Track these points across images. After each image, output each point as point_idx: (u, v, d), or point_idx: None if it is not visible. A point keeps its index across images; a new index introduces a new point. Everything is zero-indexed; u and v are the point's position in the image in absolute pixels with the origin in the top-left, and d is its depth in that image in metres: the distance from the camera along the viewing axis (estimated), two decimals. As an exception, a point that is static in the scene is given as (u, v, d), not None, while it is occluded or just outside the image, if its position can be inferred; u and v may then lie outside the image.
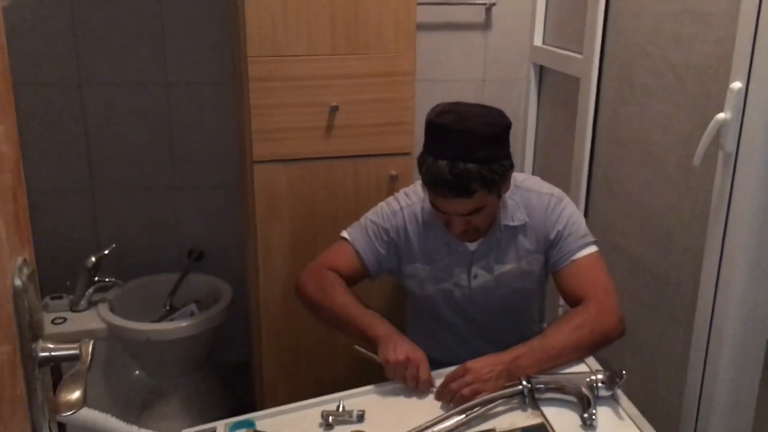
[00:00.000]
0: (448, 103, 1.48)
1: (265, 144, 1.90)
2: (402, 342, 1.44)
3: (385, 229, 1.62)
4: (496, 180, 1.42)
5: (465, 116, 1.42)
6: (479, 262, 1.58)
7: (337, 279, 1.59)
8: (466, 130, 1.39)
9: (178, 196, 2.47)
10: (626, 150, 1.92)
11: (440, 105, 1.48)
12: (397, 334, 1.47)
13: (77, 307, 2.24)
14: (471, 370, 1.35)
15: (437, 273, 1.60)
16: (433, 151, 1.42)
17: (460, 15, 2.42)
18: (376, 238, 1.62)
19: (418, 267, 1.62)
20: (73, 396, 0.74)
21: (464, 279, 1.59)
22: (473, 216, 1.47)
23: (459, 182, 1.39)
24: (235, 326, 2.46)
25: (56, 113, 2.30)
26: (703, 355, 1.60)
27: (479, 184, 1.40)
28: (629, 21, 1.87)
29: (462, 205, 1.44)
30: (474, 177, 1.38)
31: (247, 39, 1.82)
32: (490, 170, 1.40)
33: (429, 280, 1.62)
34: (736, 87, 1.44)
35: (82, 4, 2.22)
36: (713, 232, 1.55)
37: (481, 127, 1.40)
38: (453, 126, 1.40)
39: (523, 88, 2.53)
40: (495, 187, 1.43)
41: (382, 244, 1.62)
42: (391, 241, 1.61)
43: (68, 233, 2.41)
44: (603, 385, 1.33)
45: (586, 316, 1.45)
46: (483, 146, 1.39)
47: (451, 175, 1.38)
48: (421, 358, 1.41)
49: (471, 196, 1.41)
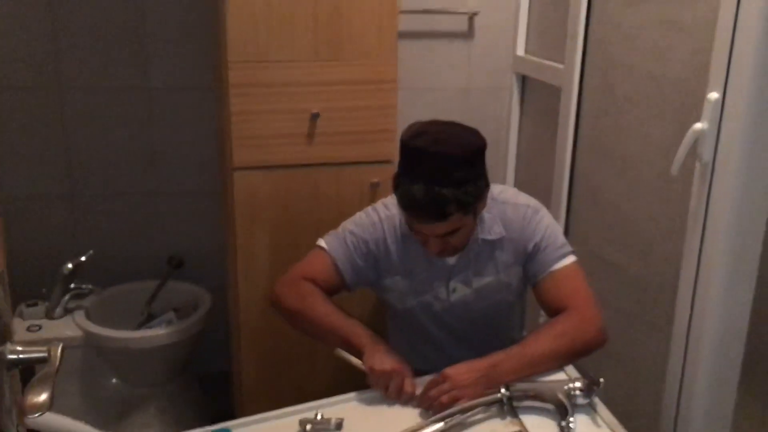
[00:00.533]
0: (423, 123, 1.46)
1: (245, 150, 1.89)
2: (388, 352, 1.43)
3: (365, 240, 1.59)
4: (471, 202, 1.41)
5: (439, 138, 1.40)
6: (458, 276, 1.57)
7: (315, 288, 1.56)
8: (441, 153, 1.37)
9: (158, 203, 2.46)
10: (607, 159, 1.93)
11: (415, 125, 1.46)
12: (383, 343, 1.46)
13: (53, 315, 2.21)
14: (449, 377, 1.35)
15: (417, 286, 1.60)
16: (408, 174, 1.40)
17: (444, 24, 2.43)
18: (355, 250, 1.59)
19: (397, 280, 1.60)
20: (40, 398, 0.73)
21: (443, 292, 1.59)
22: (450, 236, 1.46)
23: (435, 207, 1.38)
24: (215, 334, 2.44)
25: (35, 118, 2.28)
26: (681, 362, 1.61)
27: (455, 207, 1.38)
28: (609, 32, 1.89)
29: (438, 228, 1.42)
30: (449, 201, 1.37)
31: (229, 44, 1.81)
32: (465, 193, 1.38)
33: (409, 293, 1.61)
34: (713, 98, 1.46)
35: (63, 7, 2.21)
36: (691, 240, 1.56)
37: (456, 149, 1.39)
38: (427, 149, 1.38)
39: (506, 97, 2.54)
40: (470, 209, 1.42)
41: (360, 255, 1.59)
42: (370, 253, 1.59)
43: (46, 239, 2.38)
44: (581, 393, 1.34)
45: (566, 324, 1.45)
46: (458, 169, 1.38)
47: (427, 200, 1.37)
48: (407, 370, 1.41)
49: (446, 219, 1.40)
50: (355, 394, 1.43)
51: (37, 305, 2.22)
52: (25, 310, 2.21)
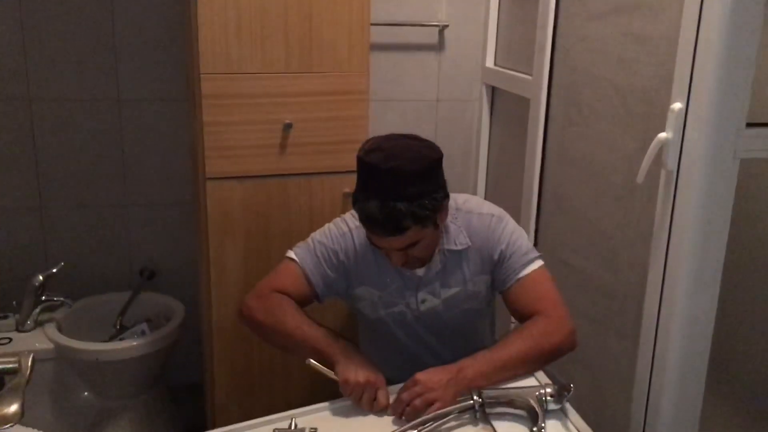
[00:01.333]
0: (378, 138, 1.46)
1: (218, 161, 1.89)
2: (361, 363, 1.43)
3: (334, 251, 1.59)
4: (427, 215, 1.41)
5: (392, 154, 1.40)
6: (426, 287, 1.59)
7: (285, 299, 1.55)
8: (394, 169, 1.37)
9: (129, 214, 2.44)
10: (574, 168, 1.96)
11: (371, 140, 1.46)
12: (357, 354, 1.46)
13: (23, 327, 2.19)
14: (420, 381, 1.37)
15: (388, 296, 1.60)
16: (364, 190, 1.41)
17: (414, 36, 2.46)
18: (325, 261, 1.59)
19: (368, 290, 1.61)
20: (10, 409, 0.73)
21: (413, 302, 1.60)
22: (411, 249, 1.47)
23: (390, 222, 1.38)
24: (188, 345, 2.43)
25: (4, 130, 2.26)
26: (648, 368, 1.64)
27: (411, 221, 1.38)
28: (576, 44, 1.92)
29: (396, 242, 1.43)
30: (404, 215, 1.37)
31: (201, 56, 1.81)
32: (420, 206, 1.38)
33: (380, 303, 1.61)
34: (676, 107, 1.49)
35: (32, 18, 2.20)
36: (656, 247, 1.59)
37: (409, 164, 1.38)
38: (380, 165, 1.38)
39: (476, 108, 2.58)
40: (428, 221, 1.42)
41: (330, 266, 1.59)
42: (341, 263, 1.60)
43: (16, 251, 2.35)
44: (552, 399, 1.35)
45: (534, 329, 1.47)
46: (412, 184, 1.38)
47: (382, 215, 1.37)
48: (381, 381, 1.41)
49: (403, 233, 1.40)
50: (329, 403, 1.43)
51: (7, 318, 2.20)
52: (-6, 323, 2.18)
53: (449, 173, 2.54)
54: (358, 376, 1.39)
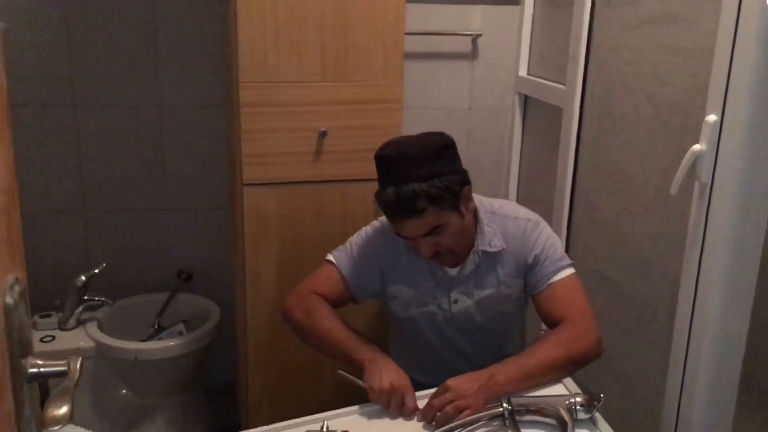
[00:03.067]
0: (393, 138, 1.58)
1: (254, 167, 1.94)
2: (387, 369, 1.44)
3: (370, 251, 1.64)
4: (443, 195, 1.46)
5: (402, 144, 1.52)
6: (459, 287, 1.61)
7: (322, 302, 1.60)
8: (404, 155, 1.47)
9: (168, 217, 2.50)
10: (606, 179, 1.96)
11: (387, 140, 1.57)
12: (383, 359, 1.48)
13: (66, 326, 2.25)
14: (451, 388, 1.38)
15: (420, 296, 1.63)
16: (381, 182, 1.50)
17: (448, 45, 2.47)
18: (362, 261, 1.64)
19: (402, 289, 1.64)
20: (60, 411, 0.76)
21: (445, 303, 1.62)
22: (437, 236, 1.50)
23: (405, 203, 1.45)
24: (223, 347, 2.48)
25: (50, 135, 2.33)
26: (680, 379, 1.63)
27: (426, 201, 1.45)
28: (610, 54, 1.92)
29: (417, 226, 1.48)
30: (418, 195, 1.44)
31: (240, 65, 1.86)
32: (432, 186, 1.45)
33: (413, 303, 1.64)
34: (711, 120, 1.49)
35: (79, 28, 2.27)
36: (689, 259, 1.59)
37: (417, 149, 1.48)
38: (391, 154, 1.49)
39: (508, 117, 2.58)
40: (445, 203, 1.47)
41: (367, 266, 1.64)
42: (376, 263, 1.64)
43: (59, 252, 2.42)
44: (581, 408, 1.35)
45: (562, 336, 1.48)
46: (422, 166, 1.46)
47: (397, 198, 1.45)
48: (407, 386, 1.42)
49: (422, 215, 1.46)
50: (359, 406, 1.45)
51: (50, 316, 2.26)
52: (39, 321, 2.25)
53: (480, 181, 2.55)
54: (383, 382, 1.41)
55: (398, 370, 1.45)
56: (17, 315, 0.73)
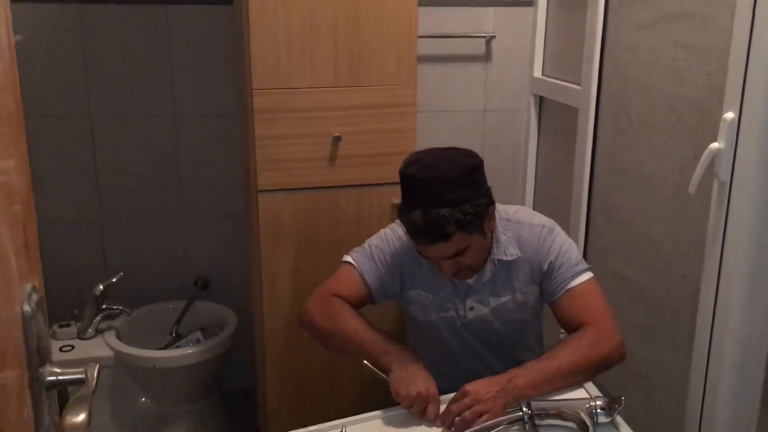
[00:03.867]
0: (418, 152, 1.53)
1: (269, 174, 1.94)
2: (415, 374, 1.43)
3: (390, 253, 1.63)
4: (471, 221, 1.43)
5: (430, 164, 1.45)
6: (474, 295, 1.60)
7: (344, 304, 1.59)
8: (432, 178, 1.42)
9: (184, 225, 2.51)
10: (624, 179, 1.95)
11: (411, 155, 1.53)
12: (413, 363, 1.46)
13: (85, 335, 2.27)
14: (470, 392, 1.37)
15: (439, 301, 1.62)
16: (407, 201, 1.46)
17: (461, 48, 2.47)
18: (381, 263, 1.63)
19: (421, 294, 1.63)
20: (78, 418, 0.76)
21: (461, 309, 1.62)
22: (460, 257, 1.49)
23: (434, 228, 1.42)
24: (240, 353, 2.48)
25: (67, 145, 2.36)
26: (702, 381, 1.61)
27: (455, 227, 1.42)
28: (625, 53, 1.91)
29: (443, 250, 1.46)
30: (448, 221, 1.41)
31: (253, 72, 1.87)
32: (463, 212, 1.42)
33: (432, 307, 1.63)
34: (729, 117, 1.47)
35: (94, 39, 2.29)
36: (710, 259, 1.57)
37: (447, 172, 1.43)
38: (419, 176, 1.44)
39: (524, 118, 2.57)
40: (473, 227, 1.45)
41: (386, 268, 1.63)
42: (396, 266, 1.63)
43: (77, 262, 2.44)
44: (602, 412, 1.34)
45: (583, 339, 1.46)
46: (451, 190, 1.42)
47: (425, 223, 1.41)
48: (432, 395, 1.41)
49: (449, 240, 1.43)
50: (380, 412, 1.45)
51: (69, 326, 2.28)
52: (58, 330, 2.27)
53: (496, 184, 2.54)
54: (410, 390, 1.40)
55: (427, 378, 1.44)
56: (35, 323, 0.73)
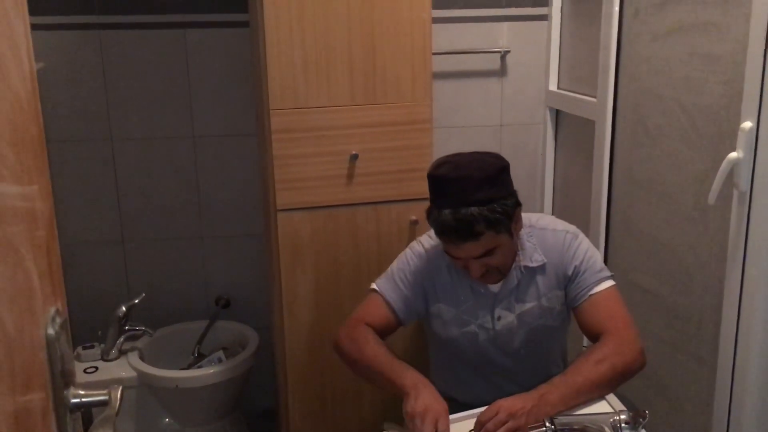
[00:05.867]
0: (446, 156, 1.56)
1: (288, 193, 1.96)
2: (425, 393, 1.42)
3: (411, 272, 1.65)
4: (500, 219, 1.46)
5: (460, 165, 1.49)
6: (501, 303, 1.60)
7: (368, 331, 1.61)
8: (462, 177, 1.45)
9: (205, 246, 2.53)
10: (643, 190, 1.94)
11: (439, 158, 1.55)
12: (424, 385, 1.45)
13: (108, 356, 2.29)
14: (503, 408, 1.36)
15: (462, 315, 1.63)
16: (437, 202, 1.49)
17: (476, 63, 2.48)
18: (404, 284, 1.65)
19: (442, 308, 1.64)
20: (102, 440, 0.77)
21: (488, 321, 1.62)
22: (488, 257, 1.50)
23: (464, 227, 1.44)
24: (263, 372, 2.49)
25: (88, 168, 2.39)
26: (728, 393, 1.59)
27: (484, 225, 1.44)
28: (640, 65, 1.91)
29: (473, 249, 1.47)
30: (477, 219, 1.43)
31: (270, 93, 1.89)
32: (491, 210, 1.44)
33: (453, 322, 1.64)
34: (747, 126, 1.46)
35: (113, 64, 2.33)
36: (732, 269, 1.55)
37: (476, 171, 1.46)
38: (449, 175, 1.47)
39: (540, 132, 2.57)
40: (501, 227, 1.47)
41: (409, 287, 1.64)
42: (417, 283, 1.64)
43: (99, 283, 2.47)
44: (626, 426, 1.32)
45: (606, 350, 1.46)
46: (480, 189, 1.44)
47: (455, 221, 1.43)
48: (441, 410, 1.40)
49: (478, 239, 1.45)
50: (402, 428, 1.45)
51: (93, 347, 2.30)
52: (82, 352, 2.29)
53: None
54: (417, 405, 1.39)
55: (436, 396, 1.43)
56: (59, 346, 0.74)
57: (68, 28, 2.28)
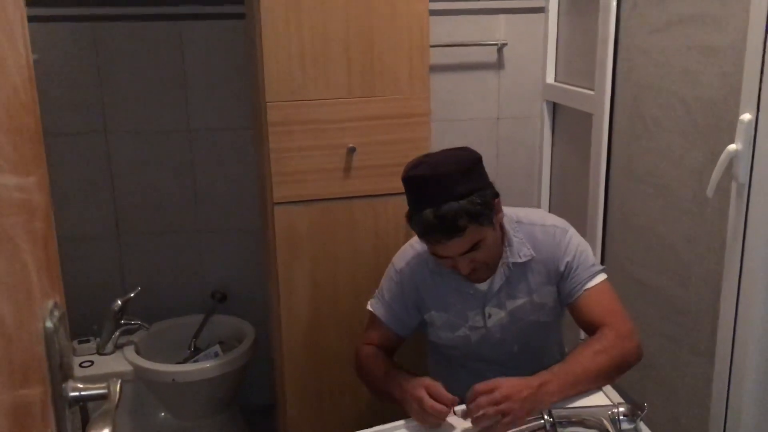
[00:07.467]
0: (417, 158, 1.55)
1: (284, 186, 1.94)
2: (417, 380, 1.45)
3: (398, 289, 1.67)
4: (481, 211, 1.45)
5: (434, 163, 1.49)
6: (491, 301, 1.60)
7: (370, 351, 1.66)
8: (440, 174, 1.45)
9: (201, 239, 2.52)
10: (641, 183, 1.93)
11: (412, 161, 1.54)
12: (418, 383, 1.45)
13: (104, 351, 2.28)
14: (501, 387, 1.35)
15: (452, 319, 1.63)
16: (416, 204, 1.48)
17: (473, 56, 2.47)
18: (394, 302, 1.67)
19: (434, 315, 1.65)
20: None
21: (479, 320, 1.61)
22: (475, 252, 1.49)
23: (447, 223, 1.43)
24: (259, 366, 2.48)
25: (83, 162, 2.38)
26: (726, 385, 1.59)
27: (467, 219, 1.43)
28: (638, 57, 1.90)
29: (458, 245, 1.47)
30: (459, 213, 1.42)
31: (266, 85, 1.87)
32: (471, 203, 1.43)
33: (445, 327, 1.65)
34: (746, 119, 1.46)
35: (108, 57, 2.31)
36: (730, 262, 1.55)
37: (452, 166, 1.46)
38: (427, 174, 1.46)
39: (537, 125, 2.57)
40: (483, 218, 1.46)
41: (399, 305, 1.67)
42: (406, 298, 1.66)
43: (95, 278, 2.46)
44: (625, 418, 1.33)
45: (604, 341, 1.46)
46: (458, 184, 1.44)
47: (438, 219, 1.43)
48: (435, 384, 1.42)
49: (463, 234, 1.44)
50: (403, 422, 1.45)
51: (89, 342, 2.29)
52: (78, 346, 2.28)
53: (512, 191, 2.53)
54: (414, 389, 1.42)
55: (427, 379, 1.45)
56: (57, 339, 0.74)
57: (62, 20, 2.26)
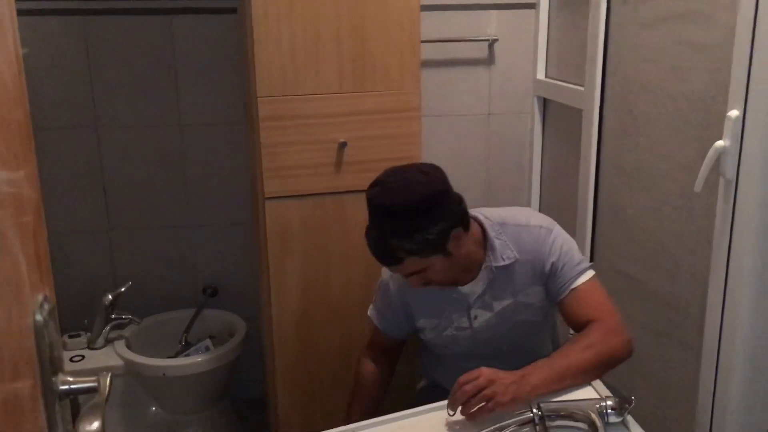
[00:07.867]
0: (384, 172, 1.53)
1: (275, 181, 1.95)
2: None
3: (389, 297, 1.70)
4: (421, 248, 1.46)
5: (387, 190, 1.46)
6: (476, 303, 1.61)
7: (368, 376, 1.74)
8: (386, 206, 1.45)
9: (192, 234, 2.52)
10: (630, 178, 1.95)
11: (378, 176, 1.52)
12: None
13: (95, 345, 2.28)
14: (484, 374, 1.36)
15: (439, 322, 1.65)
16: (369, 220, 1.50)
17: (464, 51, 2.47)
18: (387, 309, 1.71)
19: (424, 321, 1.68)
20: (91, 427, 0.77)
21: (465, 322, 1.63)
22: (422, 275, 1.51)
23: (385, 254, 1.47)
24: (251, 361, 2.49)
25: (74, 156, 2.37)
26: (712, 378, 1.61)
27: (404, 253, 1.45)
28: (628, 53, 1.91)
29: (399, 271, 1.52)
30: (396, 248, 1.45)
31: (257, 80, 1.87)
32: (413, 241, 1.44)
33: (433, 331, 1.67)
34: (733, 115, 1.47)
35: (98, 50, 2.30)
36: (717, 257, 1.57)
37: (402, 200, 1.44)
38: (374, 201, 1.47)
39: (528, 121, 2.57)
40: (426, 252, 1.47)
41: (392, 312, 1.70)
42: (397, 305, 1.70)
43: (85, 272, 2.46)
44: (612, 412, 1.33)
45: (591, 337, 1.47)
46: (406, 219, 1.44)
47: (379, 248, 1.47)
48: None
49: (401, 263, 1.48)
50: (391, 415, 1.45)
51: (79, 336, 2.29)
52: (68, 341, 2.28)
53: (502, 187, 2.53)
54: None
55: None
56: (47, 333, 0.74)
57: (52, 14, 2.25)
